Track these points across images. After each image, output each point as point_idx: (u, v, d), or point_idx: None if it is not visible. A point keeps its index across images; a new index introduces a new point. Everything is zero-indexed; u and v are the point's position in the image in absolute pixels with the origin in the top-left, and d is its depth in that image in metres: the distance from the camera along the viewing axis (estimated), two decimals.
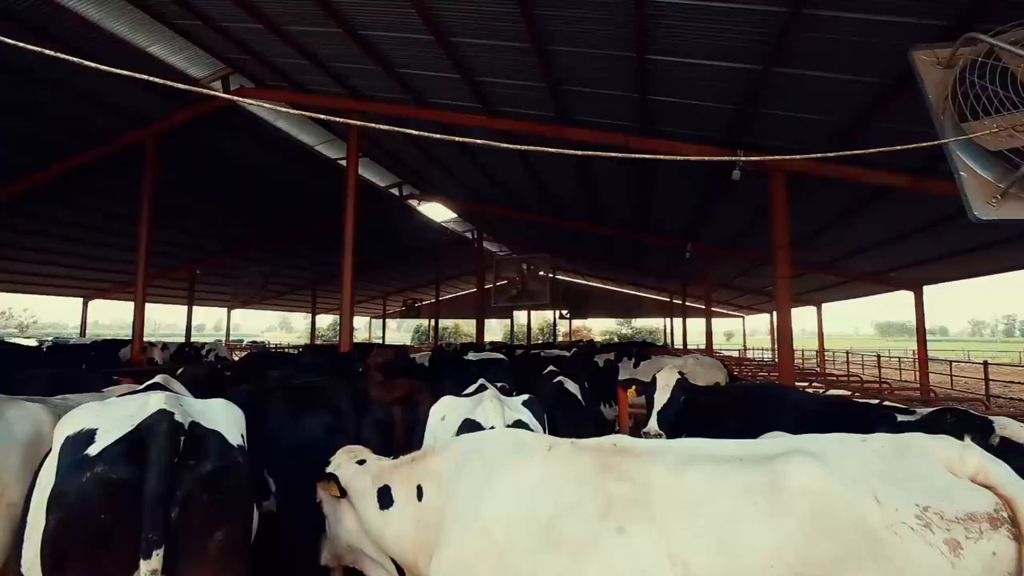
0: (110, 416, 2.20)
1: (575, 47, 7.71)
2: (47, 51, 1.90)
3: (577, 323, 47.41)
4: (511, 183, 16.17)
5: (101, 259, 20.51)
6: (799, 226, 12.41)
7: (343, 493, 2.71)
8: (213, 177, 16.08)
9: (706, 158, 9.74)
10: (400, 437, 3.93)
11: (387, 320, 43.01)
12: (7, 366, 10.31)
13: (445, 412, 3.49)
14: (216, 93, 10.15)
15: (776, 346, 9.62)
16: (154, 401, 2.21)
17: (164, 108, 12.18)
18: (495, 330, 55.74)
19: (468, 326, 59.73)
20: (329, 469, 2.86)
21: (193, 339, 24.66)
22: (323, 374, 7.09)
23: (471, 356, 10.52)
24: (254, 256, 23.54)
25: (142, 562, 1.97)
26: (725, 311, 37.83)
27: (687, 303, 28.12)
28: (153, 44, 10.45)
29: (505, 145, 3.25)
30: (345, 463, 2.86)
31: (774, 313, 12.60)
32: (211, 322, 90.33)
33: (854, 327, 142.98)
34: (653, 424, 4.66)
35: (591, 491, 2.02)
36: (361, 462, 2.84)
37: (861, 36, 5.96)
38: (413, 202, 21.18)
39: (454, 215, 23.51)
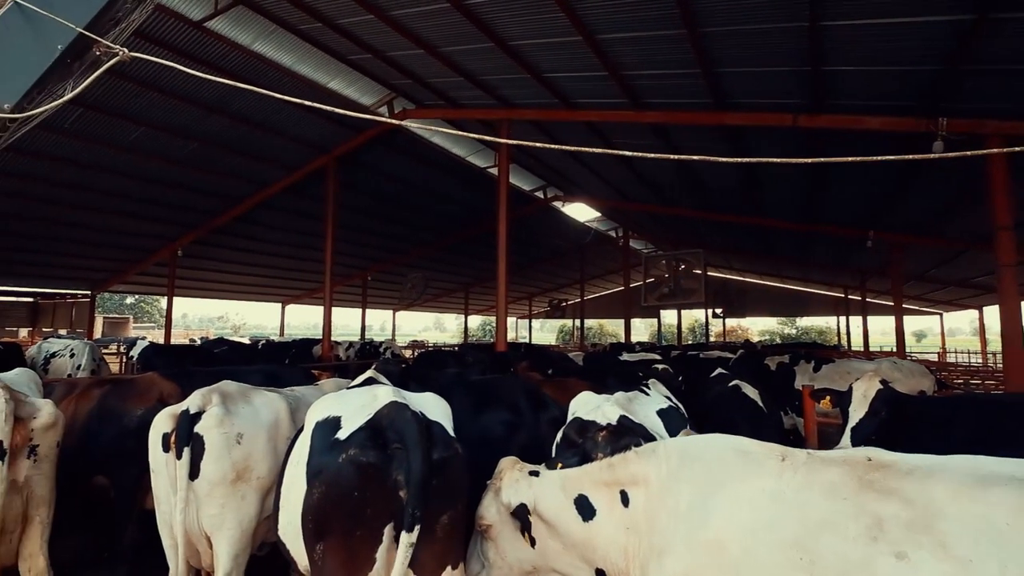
0: (349, 406, 2.53)
1: (734, 24, 7.20)
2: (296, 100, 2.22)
3: (731, 322, 44.34)
4: (659, 177, 15.61)
5: (294, 270, 23.91)
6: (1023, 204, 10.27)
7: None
8: (379, 191, 17.85)
9: (902, 129, 8.47)
10: None
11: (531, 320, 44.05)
12: (234, 360, 12.57)
13: (576, 408, 3.48)
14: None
15: (1002, 347, 8.07)
16: (382, 394, 2.50)
17: (342, 136, 13.86)
18: (640, 330, 54.28)
19: (612, 326, 58.93)
20: (504, 483, 2.57)
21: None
22: (486, 372, 7.49)
23: (625, 357, 10.31)
24: (415, 262, 25.68)
25: (403, 535, 2.17)
26: (917, 307, 32.61)
27: (867, 299, 24.73)
28: (332, 80, 11.91)
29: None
30: (523, 478, 2.56)
31: (983, 309, 10.52)
32: (377, 323, 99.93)
33: None
34: (846, 441, 4.14)
35: (851, 509, 1.82)
36: (535, 474, 2.59)
37: None
38: (557, 203, 21.45)
39: (598, 214, 23.35)
